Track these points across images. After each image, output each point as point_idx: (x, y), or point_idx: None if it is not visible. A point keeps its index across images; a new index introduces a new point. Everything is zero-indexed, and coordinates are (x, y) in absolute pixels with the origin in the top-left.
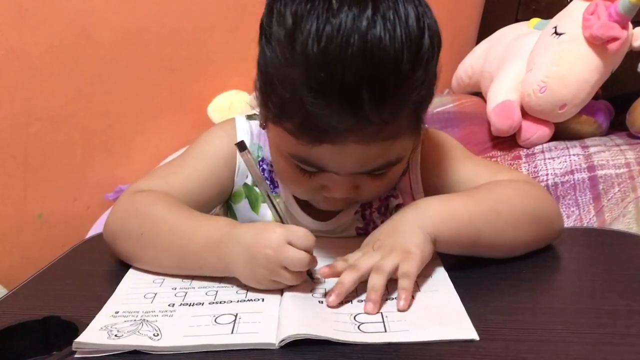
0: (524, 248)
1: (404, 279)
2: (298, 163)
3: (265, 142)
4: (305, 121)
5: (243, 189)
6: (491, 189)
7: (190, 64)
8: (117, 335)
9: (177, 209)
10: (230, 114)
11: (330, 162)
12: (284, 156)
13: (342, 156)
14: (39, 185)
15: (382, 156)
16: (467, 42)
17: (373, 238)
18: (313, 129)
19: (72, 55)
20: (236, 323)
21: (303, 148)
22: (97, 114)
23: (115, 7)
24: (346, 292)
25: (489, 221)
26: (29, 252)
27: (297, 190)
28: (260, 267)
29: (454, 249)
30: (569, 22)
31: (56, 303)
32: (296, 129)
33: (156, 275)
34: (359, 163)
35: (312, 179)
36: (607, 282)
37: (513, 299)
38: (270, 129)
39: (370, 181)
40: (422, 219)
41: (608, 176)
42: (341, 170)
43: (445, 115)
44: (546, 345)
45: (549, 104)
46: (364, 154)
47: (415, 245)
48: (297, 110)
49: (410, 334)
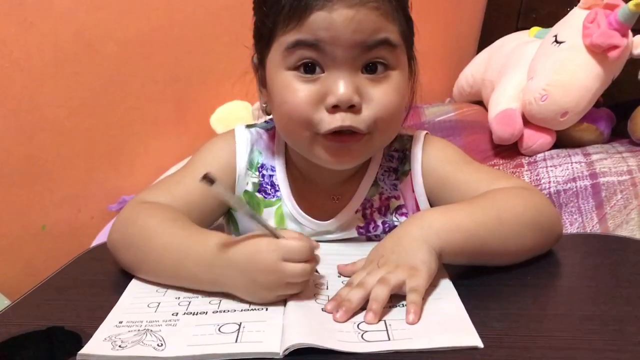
0: (527, 254)
1: (412, 294)
2: (295, 56)
3: (264, 147)
4: (295, 1)
5: (244, 196)
6: (493, 197)
7: (193, 75)
8: (121, 345)
9: (173, 222)
10: (233, 124)
11: (324, 31)
12: (284, 67)
13: (333, 22)
14: (42, 196)
15: (373, 27)
16: (468, 51)
17: (377, 254)
18: (302, 3)
19: (76, 67)
20: (240, 332)
21: (296, 32)
22: (101, 125)
23: (118, 19)
24: (353, 309)
25: (493, 230)
26: (32, 263)
27: (301, 124)
28: (262, 289)
29: (459, 260)
30: (569, 31)
31: (60, 313)
32: (287, 14)
33: (159, 284)
34: (351, 28)
35: (313, 86)
36: (611, 288)
37: (517, 305)
38: (269, 59)
39: (372, 87)
40: (427, 233)
41: (610, 183)
42: (336, 42)
43: (447, 123)
44: (552, 352)
45: (551, 111)
46: (354, 19)
47: (422, 261)
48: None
49: (414, 342)
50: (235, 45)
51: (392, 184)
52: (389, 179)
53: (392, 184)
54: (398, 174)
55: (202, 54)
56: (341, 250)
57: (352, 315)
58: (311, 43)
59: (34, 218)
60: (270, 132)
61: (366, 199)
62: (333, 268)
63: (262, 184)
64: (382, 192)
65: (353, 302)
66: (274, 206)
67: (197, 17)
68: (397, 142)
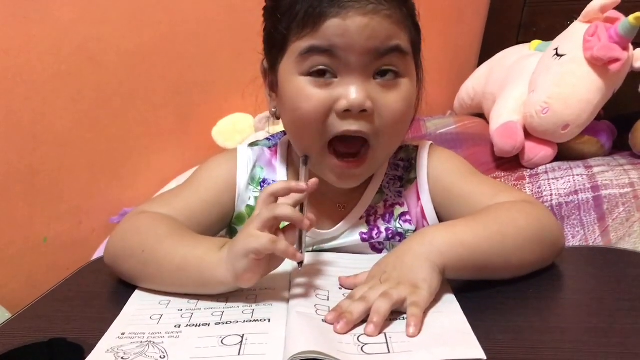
0: (530, 268)
1: (413, 307)
2: (308, 62)
3: (266, 164)
4: (310, 7)
5: (246, 211)
6: (495, 212)
7: (195, 88)
8: (124, 357)
9: (173, 230)
10: (235, 137)
11: (337, 38)
12: (297, 73)
13: (348, 29)
14: (44, 208)
15: (386, 35)
16: (469, 65)
17: (379, 270)
18: (317, 10)
19: (78, 79)
20: (243, 344)
21: (309, 38)
22: (103, 138)
23: (121, 32)
24: (354, 322)
25: (496, 245)
26: (34, 276)
27: (313, 131)
28: (237, 252)
29: (463, 275)
30: (570, 44)
31: (61, 325)
32: (302, 20)
33: (162, 296)
34: (365, 36)
35: (326, 91)
36: (614, 301)
37: (520, 318)
38: (282, 67)
39: (383, 94)
40: (429, 249)
41: (612, 196)
42: (350, 49)
43: (449, 136)
44: None
45: (552, 124)
46: (368, 27)
47: (423, 279)
48: (300, 5)
49: (414, 355)
50: (237, 58)
51: (397, 192)
52: (394, 186)
53: (396, 192)
54: (403, 182)
55: (204, 67)
56: (343, 262)
57: (353, 327)
58: (325, 49)
59: (35, 230)
60: (273, 150)
61: (371, 206)
62: (334, 280)
63: None
64: (386, 199)
65: (354, 315)
66: None
67: (199, 31)
68: (403, 152)
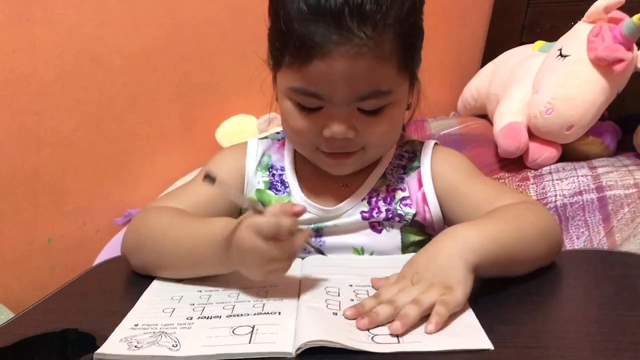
0: (540, 263)
1: (440, 306)
2: (297, 97)
3: (275, 152)
4: (298, 43)
5: (256, 195)
6: (511, 211)
7: (199, 90)
8: (137, 346)
9: (182, 217)
10: (238, 138)
11: (322, 84)
12: (288, 96)
13: (331, 73)
14: (48, 209)
15: (370, 80)
16: (472, 65)
17: (411, 270)
18: (304, 48)
19: (82, 81)
20: (253, 333)
21: (299, 76)
22: (107, 139)
23: (125, 34)
24: (378, 323)
25: (519, 242)
26: (38, 277)
27: (303, 139)
28: (250, 267)
29: (491, 272)
30: (574, 44)
31: (73, 318)
32: (291, 56)
33: (175, 292)
34: (348, 82)
35: (313, 118)
36: (614, 297)
37: (523, 311)
38: (278, 80)
39: (366, 122)
40: (462, 247)
41: (617, 196)
42: (333, 93)
43: (452, 137)
44: (558, 352)
45: (556, 125)
46: (352, 72)
47: (457, 281)
48: (291, 36)
49: (424, 345)
50: (240, 60)
51: (399, 178)
52: (397, 173)
53: (399, 178)
54: (406, 170)
55: (207, 69)
56: (352, 263)
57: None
58: (311, 93)
59: (39, 232)
60: (281, 142)
61: (373, 189)
62: (344, 278)
63: (273, 182)
64: (389, 184)
65: (380, 316)
66: (284, 201)
67: (202, 32)
68: (409, 145)
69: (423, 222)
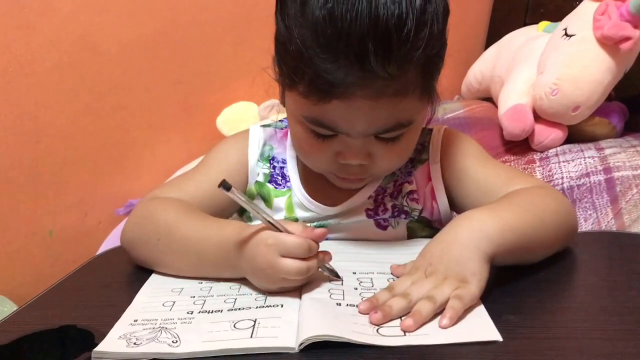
0: (556, 249)
1: (455, 300)
2: (311, 126)
3: (277, 143)
4: (315, 78)
5: (255, 188)
6: (528, 196)
7: (198, 77)
8: (136, 343)
9: (189, 214)
10: (239, 126)
11: (341, 121)
12: (300, 121)
13: (351, 113)
14: (49, 201)
15: (391, 116)
16: (476, 48)
17: (424, 261)
18: (323, 85)
19: (80, 70)
20: (255, 328)
21: (315, 108)
22: (106, 129)
23: (122, 22)
24: (392, 317)
25: (537, 229)
26: (40, 269)
27: (314, 161)
28: (262, 280)
29: (507, 261)
30: (579, 23)
31: (72, 313)
32: (307, 88)
33: (174, 284)
34: (368, 121)
35: (327, 144)
36: (626, 281)
37: (532, 299)
38: (287, 97)
39: (383, 148)
40: (479, 236)
41: (625, 178)
42: (352, 130)
43: (457, 121)
44: (567, 342)
45: (562, 106)
46: (373, 112)
47: (472, 273)
48: (307, 68)
49: (431, 337)
50: (240, 47)
51: (407, 172)
52: (405, 167)
53: (407, 172)
54: (414, 162)
55: (206, 56)
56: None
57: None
58: (328, 126)
59: (40, 223)
60: (284, 131)
61: (380, 186)
62: (347, 265)
63: (273, 174)
64: (396, 179)
65: (393, 310)
66: (284, 196)
67: (201, 20)
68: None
69: (430, 217)
